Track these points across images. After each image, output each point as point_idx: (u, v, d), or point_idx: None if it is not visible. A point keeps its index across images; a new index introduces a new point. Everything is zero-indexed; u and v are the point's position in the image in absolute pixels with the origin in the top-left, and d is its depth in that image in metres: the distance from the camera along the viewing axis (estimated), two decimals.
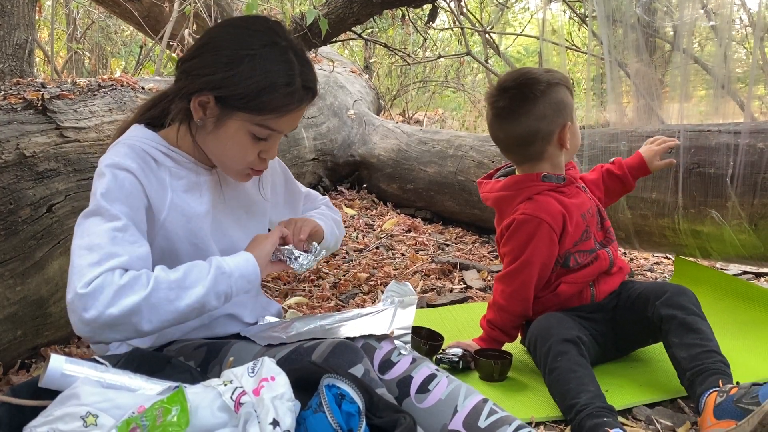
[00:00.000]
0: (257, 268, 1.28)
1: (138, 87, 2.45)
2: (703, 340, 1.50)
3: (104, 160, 1.26)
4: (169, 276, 1.18)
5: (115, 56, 7.45)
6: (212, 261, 1.24)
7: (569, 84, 1.72)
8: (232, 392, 0.97)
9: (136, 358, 1.19)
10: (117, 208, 1.20)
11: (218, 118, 1.28)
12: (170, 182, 1.30)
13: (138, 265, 1.17)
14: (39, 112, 1.90)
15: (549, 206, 1.69)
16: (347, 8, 3.01)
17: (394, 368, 1.27)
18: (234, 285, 1.24)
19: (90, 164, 1.92)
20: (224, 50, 1.27)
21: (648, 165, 1.91)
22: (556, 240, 1.69)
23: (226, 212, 1.41)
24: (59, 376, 1.00)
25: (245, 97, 1.25)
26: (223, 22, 1.39)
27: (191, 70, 1.29)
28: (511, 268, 1.72)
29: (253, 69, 1.24)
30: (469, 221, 3.51)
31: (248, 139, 1.30)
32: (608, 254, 1.74)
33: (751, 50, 3.37)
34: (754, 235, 2.05)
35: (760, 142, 2.03)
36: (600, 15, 2.63)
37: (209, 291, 1.20)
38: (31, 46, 3.49)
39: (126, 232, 1.19)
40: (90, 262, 1.12)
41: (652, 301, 1.62)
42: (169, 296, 1.16)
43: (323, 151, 3.97)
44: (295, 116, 1.32)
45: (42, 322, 1.69)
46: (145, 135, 1.33)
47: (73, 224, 1.77)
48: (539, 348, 1.58)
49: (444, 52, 7.23)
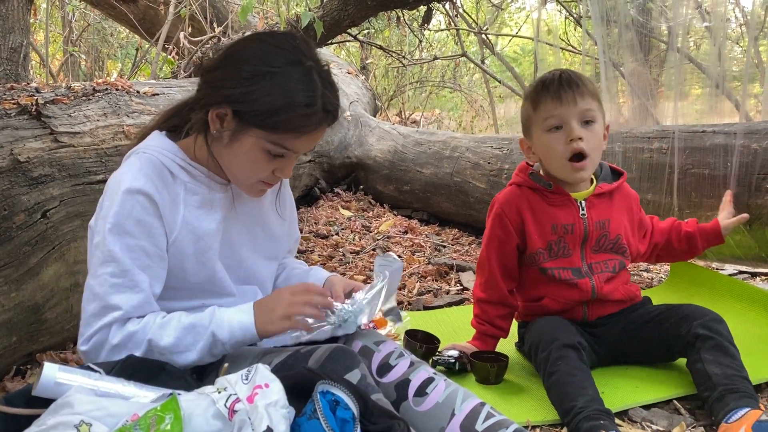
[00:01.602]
0: (255, 337, 1.27)
1: (133, 91, 2.45)
2: (739, 367, 1.50)
3: (119, 180, 1.26)
4: (162, 341, 1.22)
5: (111, 58, 7.44)
6: (209, 328, 1.24)
7: (530, 96, 1.73)
8: (226, 399, 0.97)
9: (131, 365, 1.19)
10: (121, 244, 1.22)
11: (234, 131, 1.27)
12: (184, 197, 1.30)
13: (135, 314, 1.24)
14: (33, 117, 1.89)
15: (513, 198, 1.75)
16: (342, 10, 3.01)
17: (392, 371, 1.28)
18: (229, 350, 1.27)
19: (85, 169, 1.92)
20: (247, 65, 1.26)
21: (723, 233, 1.90)
22: (510, 229, 1.74)
23: (239, 229, 1.40)
24: (53, 385, 1.01)
25: (262, 114, 1.24)
26: (250, 36, 1.38)
27: (213, 82, 1.29)
28: (480, 255, 1.82)
29: (273, 87, 1.23)
30: (465, 222, 3.51)
31: (263, 156, 1.29)
32: (591, 285, 1.71)
33: (746, 48, 3.37)
34: (749, 236, 2.05)
35: (754, 142, 2.03)
36: (594, 15, 2.63)
37: (203, 356, 1.26)
38: (26, 50, 3.48)
39: (126, 276, 1.22)
40: (92, 313, 1.23)
41: (689, 320, 1.61)
42: (162, 359, 1.22)
43: (319, 153, 3.97)
44: (313, 138, 1.31)
45: (37, 328, 1.69)
46: (164, 145, 1.33)
47: (67, 230, 1.79)
48: (539, 352, 1.58)
49: (440, 52, 7.24)
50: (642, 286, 2.62)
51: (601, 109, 1.70)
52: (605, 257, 1.74)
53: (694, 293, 2.29)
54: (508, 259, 1.77)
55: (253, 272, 1.43)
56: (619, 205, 1.78)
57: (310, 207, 3.86)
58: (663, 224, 1.90)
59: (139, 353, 1.21)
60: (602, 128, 1.69)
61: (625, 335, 1.73)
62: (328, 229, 3.44)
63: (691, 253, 1.93)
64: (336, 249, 3.13)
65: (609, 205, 1.76)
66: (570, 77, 1.67)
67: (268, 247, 1.46)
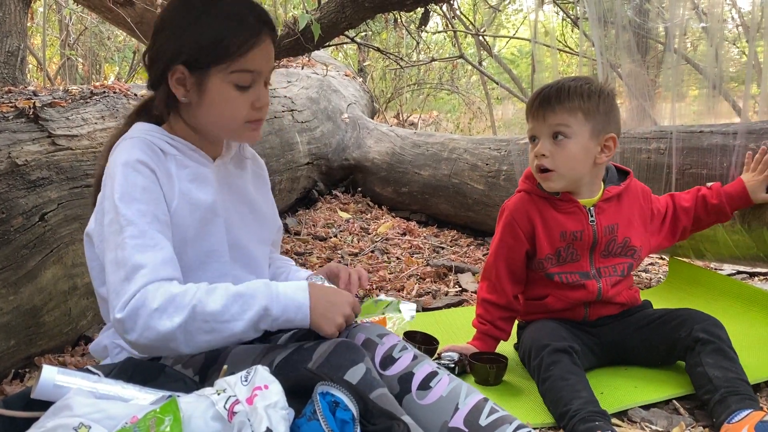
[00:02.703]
0: (306, 320, 1.22)
1: (131, 93, 2.45)
2: (739, 372, 1.51)
3: (115, 159, 1.27)
4: (207, 306, 1.16)
5: (108, 62, 7.44)
6: (259, 298, 1.20)
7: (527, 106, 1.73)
8: (225, 401, 0.97)
9: (130, 367, 1.19)
10: (134, 209, 1.21)
11: (198, 85, 1.29)
12: (176, 172, 1.31)
13: (164, 271, 1.18)
14: (31, 120, 1.89)
15: (523, 205, 1.75)
16: (340, 13, 3.01)
17: (396, 364, 1.27)
18: (275, 327, 1.22)
19: (83, 172, 1.92)
20: (173, 22, 1.32)
21: (751, 196, 1.89)
22: (520, 236, 1.74)
23: (229, 207, 1.39)
24: (51, 387, 1.00)
25: (209, 47, 1.27)
26: (164, 6, 1.44)
27: (155, 56, 1.33)
28: (487, 260, 1.81)
29: (204, 22, 1.28)
30: (463, 224, 3.51)
31: (234, 92, 1.30)
32: (597, 287, 1.71)
33: (743, 49, 3.38)
34: (747, 236, 2.06)
35: (752, 142, 2.03)
36: (591, 16, 2.63)
37: (248, 329, 1.19)
38: (23, 54, 3.48)
39: (145, 236, 1.20)
40: (121, 279, 1.16)
41: (689, 324, 1.61)
42: (205, 328, 1.16)
43: (317, 155, 3.97)
44: (265, 51, 1.33)
45: (35, 331, 1.69)
46: (149, 128, 1.34)
47: (65, 233, 1.79)
48: (532, 359, 1.60)
49: (438, 54, 7.25)
50: (641, 286, 2.62)
51: (589, 123, 1.66)
52: (614, 261, 1.74)
53: (693, 293, 2.29)
54: (517, 265, 1.77)
55: (248, 252, 1.42)
56: (628, 205, 1.77)
57: (308, 209, 3.86)
58: (686, 202, 1.87)
59: (179, 319, 1.13)
60: (580, 143, 1.66)
61: (625, 337, 1.73)
62: (327, 231, 3.44)
63: (721, 221, 1.93)
64: (334, 251, 3.13)
65: (618, 208, 1.75)
66: (550, 94, 1.68)
67: (257, 228, 1.46)
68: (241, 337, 1.20)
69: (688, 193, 1.90)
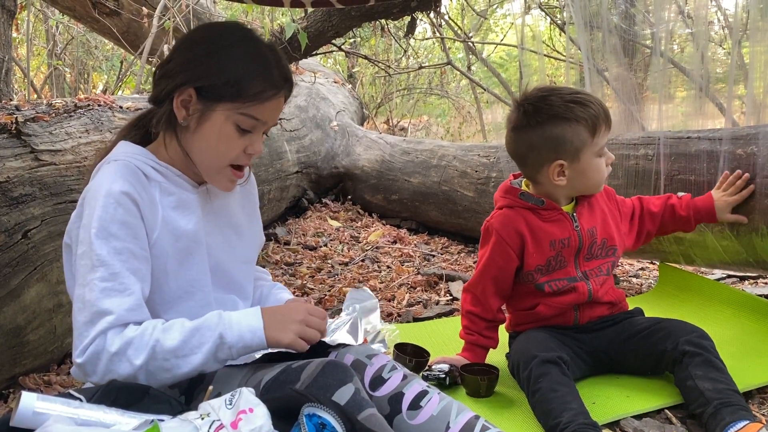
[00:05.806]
0: (263, 343, 1.23)
1: (116, 106, 2.42)
2: (729, 382, 1.50)
3: (98, 185, 1.24)
4: (166, 344, 1.17)
5: (96, 71, 7.40)
6: (215, 329, 1.20)
7: (592, 120, 1.63)
8: (209, 426, 0.95)
9: (113, 391, 1.17)
10: (109, 247, 1.20)
11: (201, 113, 1.28)
12: (160, 199, 1.29)
13: (128, 317, 1.19)
14: (13, 135, 1.86)
15: (510, 221, 1.73)
16: (326, 21, 3.01)
17: (385, 385, 1.26)
18: (235, 354, 1.23)
19: (66, 187, 1.89)
20: (201, 45, 1.30)
21: (717, 214, 1.90)
22: (511, 254, 1.72)
23: (213, 232, 1.38)
24: (31, 415, 0.98)
25: (225, 84, 1.26)
26: (197, 27, 1.42)
27: (169, 72, 1.30)
28: (473, 276, 1.80)
29: (231, 57, 1.26)
30: (454, 231, 3.50)
31: (233, 132, 1.29)
32: (587, 288, 1.72)
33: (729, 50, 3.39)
34: (736, 241, 2.05)
35: (739, 148, 2.03)
36: (578, 21, 2.63)
37: (208, 360, 1.20)
38: (8, 65, 3.45)
39: (116, 279, 1.19)
40: (84, 322, 1.18)
41: (674, 336, 1.61)
42: (165, 365, 1.18)
43: (307, 163, 3.96)
44: (277, 105, 1.32)
45: (19, 351, 1.66)
46: (133, 150, 1.32)
47: (49, 250, 1.76)
48: (521, 371, 1.58)
49: (427, 59, 7.26)
50: (631, 292, 2.62)
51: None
52: (598, 263, 1.76)
53: (683, 299, 2.29)
54: (506, 283, 1.77)
55: (231, 276, 1.41)
56: (599, 207, 1.79)
57: (298, 218, 3.84)
58: (655, 208, 1.88)
59: (139, 361, 1.15)
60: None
61: (614, 345, 1.73)
62: (317, 240, 3.42)
63: (684, 230, 1.96)
64: (325, 260, 3.11)
65: (591, 210, 1.77)
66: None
67: (242, 249, 1.45)
68: (203, 369, 1.21)
69: (659, 198, 1.92)
